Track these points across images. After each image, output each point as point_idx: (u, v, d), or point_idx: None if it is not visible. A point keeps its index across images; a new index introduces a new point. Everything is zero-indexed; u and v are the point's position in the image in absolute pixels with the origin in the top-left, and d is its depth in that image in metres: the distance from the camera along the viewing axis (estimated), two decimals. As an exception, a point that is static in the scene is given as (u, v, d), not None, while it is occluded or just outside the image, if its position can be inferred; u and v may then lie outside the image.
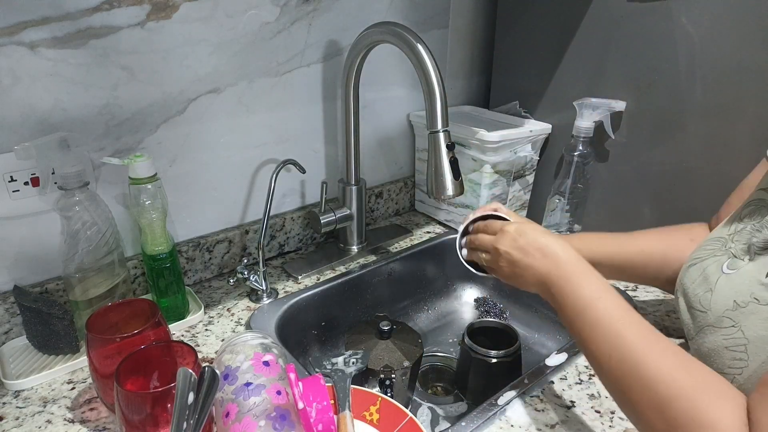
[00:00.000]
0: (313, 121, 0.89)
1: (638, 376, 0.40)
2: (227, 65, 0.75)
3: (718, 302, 0.46)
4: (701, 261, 0.51)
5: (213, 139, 0.78)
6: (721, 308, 0.46)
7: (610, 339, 0.43)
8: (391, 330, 0.67)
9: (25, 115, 0.62)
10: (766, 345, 0.41)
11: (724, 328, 0.45)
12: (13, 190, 0.63)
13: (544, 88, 0.95)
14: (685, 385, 0.38)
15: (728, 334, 0.44)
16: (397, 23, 0.68)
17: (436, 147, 0.65)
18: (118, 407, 0.46)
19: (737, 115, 0.71)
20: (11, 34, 0.58)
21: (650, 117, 0.81)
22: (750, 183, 0.57)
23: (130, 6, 0.64)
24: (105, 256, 0.65)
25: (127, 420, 0.46)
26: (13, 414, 0.57)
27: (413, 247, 0.95)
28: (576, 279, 0.49)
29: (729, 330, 0.44)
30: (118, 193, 0.72)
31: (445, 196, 0.66)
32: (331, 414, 0.50)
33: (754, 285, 0.43)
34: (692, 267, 0.52)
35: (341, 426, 0.51)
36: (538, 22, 0.93)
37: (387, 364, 0.64)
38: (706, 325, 0.47)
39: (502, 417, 0.57)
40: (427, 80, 0.64)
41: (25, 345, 0.67)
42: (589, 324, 0.46)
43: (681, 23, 0.73)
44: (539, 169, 1.00)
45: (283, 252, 0.92)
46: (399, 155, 1.06)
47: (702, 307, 0.48)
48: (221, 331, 0.71)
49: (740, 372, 0.43)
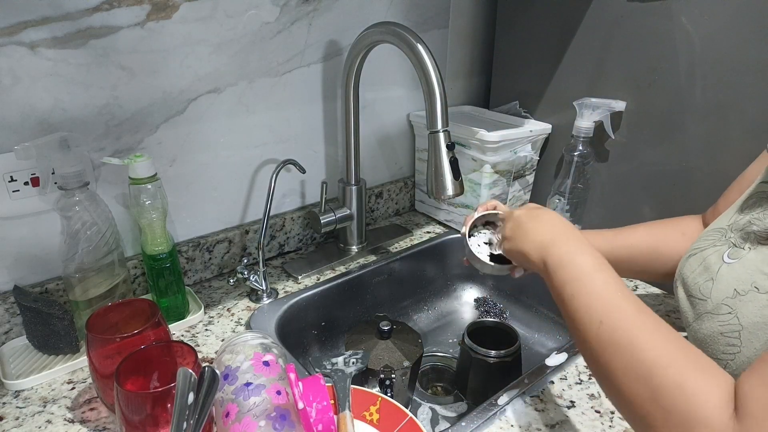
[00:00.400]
0: (313, 121, 0.89)
1: (629, 343, 0.39)
2: (227, 65, 0.75)
3: (720, 290, 0.47)
4: (701, 251, 0.51)
5: (213, 139, 0.78)
6: (721, 296, 0.46)
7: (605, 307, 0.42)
8: (391, 330, 0.67)
9: (25, 115, 0.62)
10: (758, 331, 0.41)
11: (721, 315, 0.45)
12: (13, 190, 0.63)
13: (544, 88, 0.95)
14: (677, 357, 0.37)
15: (725, 320, 0.45)
16: (397, 23, 0.68)
17: (436, 147, 0.65)
18: (118, 407, 0.46)
19: (737, 114, 0.71)
20: (11, 34, 0.58)
21: (650, 117, 0.81)
22: (749, 176, 0.57)
23: (130, 6, 0.64)
24: (105, 256, 0.65)
25: (127, 420, 0.46)
26: (13, 414, 0.57)
27: (413, 247, 0.95)
28: (580, 248, 0.49)
29: (726, 317, 0.45)
30: (118, 193, 0.72)
31: (445, 196, 0.66)
32: (331, 414, 0.50)
33: (756, 274, 0.44)
34: (692, 257, 0.52)
35: (341, 426, 0.51)
36: (538, 22, 0.93)
37: (387, 364, 0.64)
38: (705, 312, 0.48)
39: (502, 417, 0.57)
40: (427, 80, 0.64)
41: (25, 345, 0.67)
42: (586, 291, 0.44)
43: (681, 23, 0.73)
44: (539, 169, 1.00)
45: (283, 252, 0.92)
46: (399, 155, 1.06)
47: (702, 295, 0.49)
48: (221, 331, 0.71)
49: (733, 358, 0.44)
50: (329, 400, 0.51)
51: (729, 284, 0.46)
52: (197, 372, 0.44)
